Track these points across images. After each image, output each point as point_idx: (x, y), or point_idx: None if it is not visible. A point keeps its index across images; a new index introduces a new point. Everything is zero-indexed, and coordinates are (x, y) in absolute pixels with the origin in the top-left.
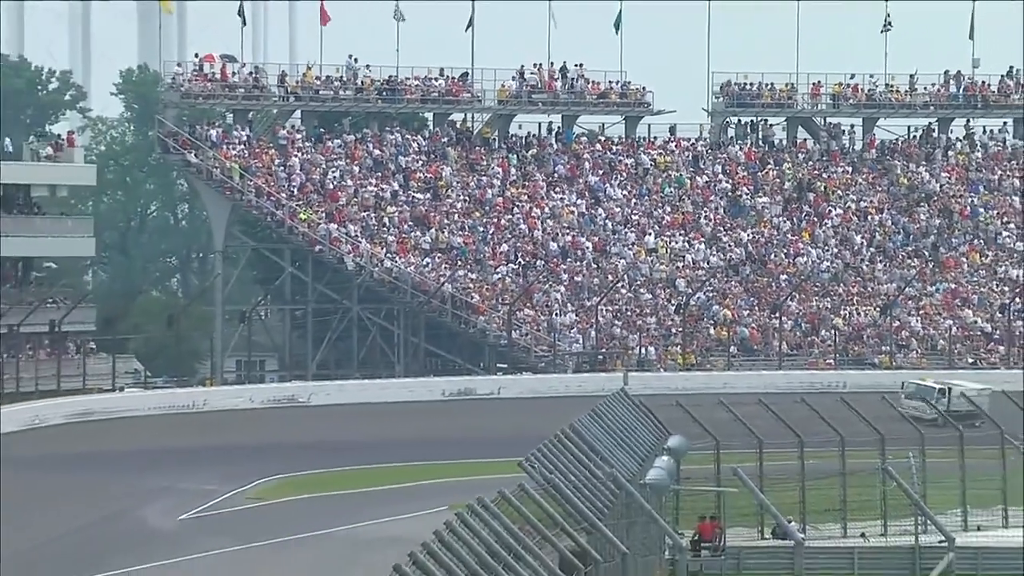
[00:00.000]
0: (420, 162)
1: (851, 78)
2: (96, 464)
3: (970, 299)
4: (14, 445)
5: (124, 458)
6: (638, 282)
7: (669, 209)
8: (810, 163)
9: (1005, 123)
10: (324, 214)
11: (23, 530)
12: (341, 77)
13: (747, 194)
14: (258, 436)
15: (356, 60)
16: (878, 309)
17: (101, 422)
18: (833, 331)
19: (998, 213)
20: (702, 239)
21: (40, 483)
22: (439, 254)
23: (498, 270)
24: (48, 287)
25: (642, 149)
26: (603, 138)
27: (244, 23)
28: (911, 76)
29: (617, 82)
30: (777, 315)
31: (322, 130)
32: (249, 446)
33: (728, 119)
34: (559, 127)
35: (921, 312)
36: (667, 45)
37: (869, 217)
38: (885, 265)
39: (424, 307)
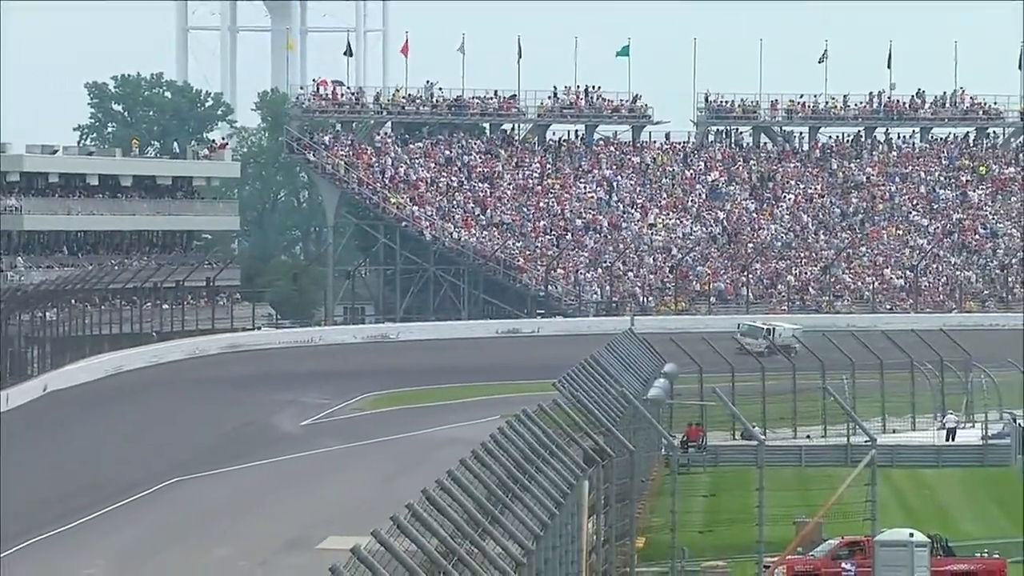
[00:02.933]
0: (479, 160)
1: (800, 96)
2: (240, 384)
3: (888, 261)
4: (180, 371)
5: (261, 379)
6: (642, 249)
7: (665, 194)
8: (770, 160)
9: (914, 131)
10: (408, 199)
11: (186, 432)
12: (420, 96)
13: (723, 183)
14: (360, 363)
15: (432, 83)
16: (820, 268)
17: (244, 352)
18: (786, 285)
19: (910, 198)
20: (690, 217)
21: (198, 397)
22: (494, 228)
23: (537, 240)
24: (205, 253)
25: (645, 150)
26: (616, 141)
27: (350, 55)
28: (844, 96)
29: (626, 100)
30: (745, 273)
31: (407, 136)
32: (353, 371)
33: (709, 127)
34: (583, 134)
35: (852, 271)
36: (664, 70)
37: (814, 200)
38: (826, 236)
39: (483, 268)
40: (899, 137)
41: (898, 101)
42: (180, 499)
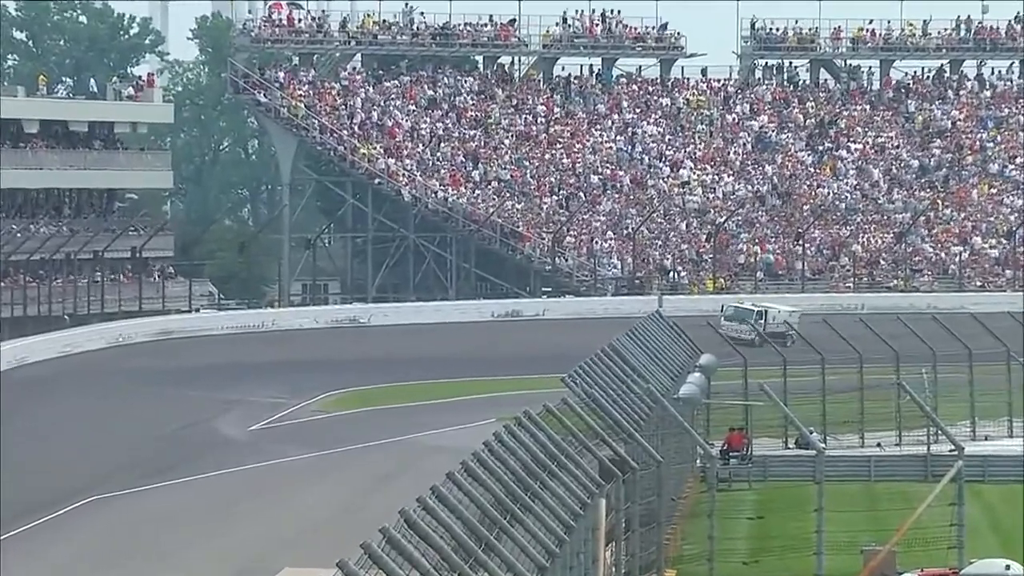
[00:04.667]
0: (471, 101)
1: (869, 23)
2: (174, 379)
3: (979, 227)
4: (99, 361)
5: (200, 373)
6: (672, 212)
7: (701, 145)
8: (831, 102)
9: (1012, 64)
10: (383, 149)
11: (107, 439)
12: (398, 23)
13: (773, 130)
14: (322, 353)
15: (412, 7)
16: (893, 236)
17: (179, 340)
18: (852, 257)
19: (1005, 148)
20: (731, 172)
21: (123, 396)
22: (489, 187)
23: (543, 201)
24: (130, 216)
25: (676, 89)
26: (640, 79)
27: None
28: (924, 21)
29: (652, 28)
30: (800, 242)
31: (380, 72)
32: (313, 362)
33: (755, 61)
34: (599, 69)
35: (933, 239)
36: None
37: (886, 151)
38: (900, 196)
39: (475, 235)
40: (992, 72)
41: (991, 28)
42: (97, 523)
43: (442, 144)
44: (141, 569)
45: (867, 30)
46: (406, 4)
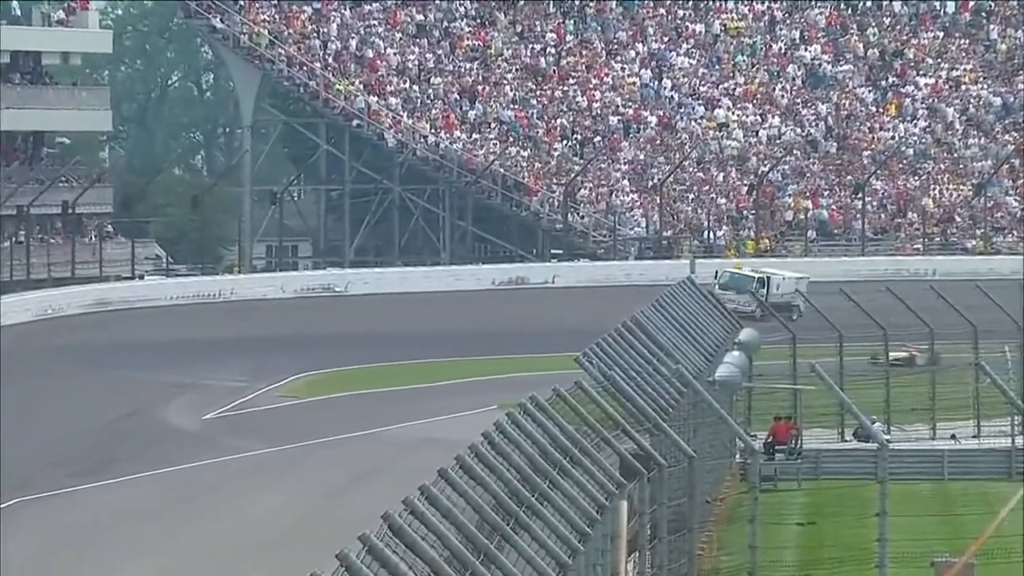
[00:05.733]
0: (467, 28)
1: None
2: (114, 358)
3: None
4: (24, 337)
5: (144, 352)
6: (707, 160)
7: (741, 80)
8: (897, 28)
9: None
10: (362, 85)
11: (33, 430)
12: None
13: (827, 62)
14: (290, 328)
15: None
16: (971, 188)
17: (119, 312)
18: (921, 213)
19: None
20: (777, 113)
21: (53, 379)
22: (488, 130)
23: (552, 147)
24: (61, 165)
25: (711, 14)
26: (669, 1)
27: None
28: None
29: None
30: (860, 196)
31: None
32: (280, 339)
33: None
34: None
35: (1018, 191)
36: None
37: (962, 87)
38: (979, 140)
39: (472, 188)
40: None
41: None
42: (20, 531)
43: (433, 79)
44: None
45: None
46: None
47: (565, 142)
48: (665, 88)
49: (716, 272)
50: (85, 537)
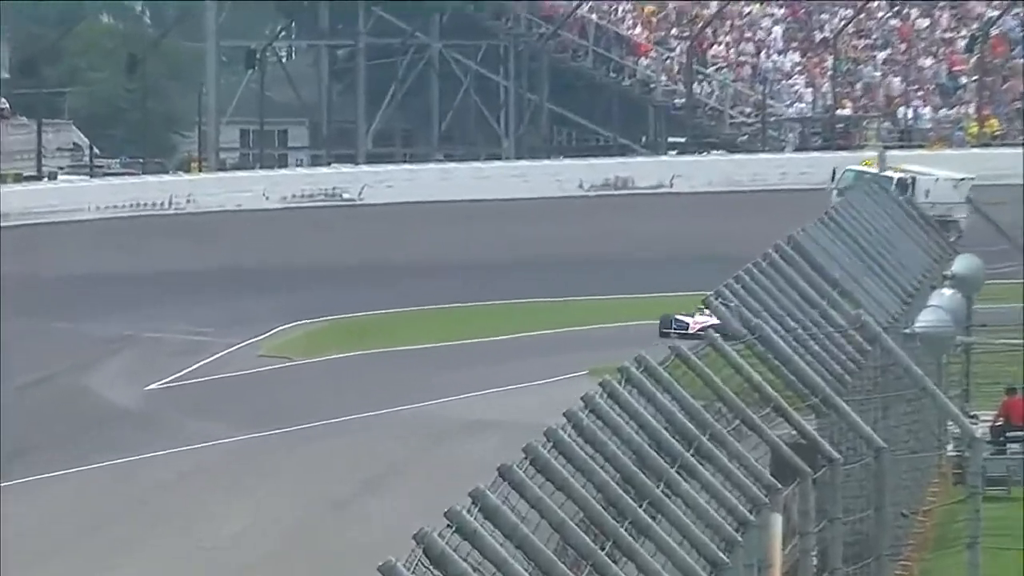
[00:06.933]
0: None
1: None
2: (17, 299)
3: None
4: None
5: (59, 289)
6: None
7: None
8: None
9: None
10: None
11: None
12: None
13: None
14: (276, 256)
15: None
16: None
17: (22, 229)
18: None
19: None
20: None
21: None
22: None
23: None
24: None
25: None
26: None
27: None
28: None
29: None
30: None
31: None
32: (261, 272)
33: None
34: None
35: None
36: None
37: None
38: None
39: (548, 43)
40: None
41: None
42: None
43: None
44: None
45: None
46: None
47: None
48: None
49: (833, 171)
50: None
